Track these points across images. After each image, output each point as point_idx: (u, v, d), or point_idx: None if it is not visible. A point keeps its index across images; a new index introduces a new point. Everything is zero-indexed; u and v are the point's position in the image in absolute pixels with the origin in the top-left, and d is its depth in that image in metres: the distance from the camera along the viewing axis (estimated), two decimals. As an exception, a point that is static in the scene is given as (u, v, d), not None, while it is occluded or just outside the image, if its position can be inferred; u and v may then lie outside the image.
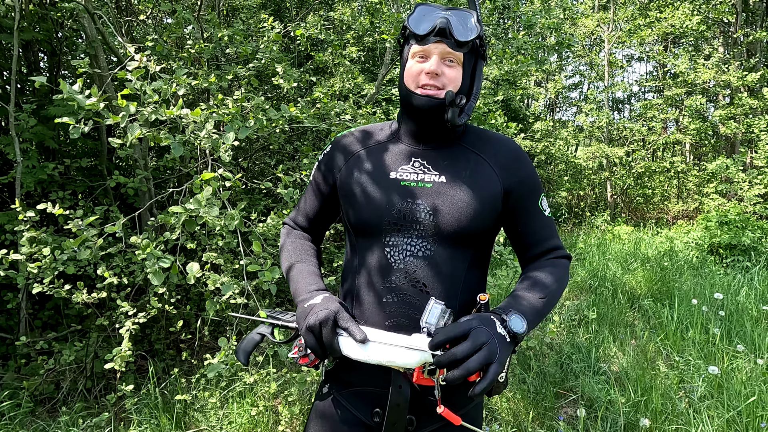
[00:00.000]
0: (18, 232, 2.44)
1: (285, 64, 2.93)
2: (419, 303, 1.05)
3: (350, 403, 1.13)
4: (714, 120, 9.16)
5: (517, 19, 4.30)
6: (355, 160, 1.18)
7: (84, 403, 3.03)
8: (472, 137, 1.17)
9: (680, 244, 7.09)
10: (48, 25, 3.83)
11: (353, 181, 1.15)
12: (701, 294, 4.65)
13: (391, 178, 1.11)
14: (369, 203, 1.11)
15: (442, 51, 1.06)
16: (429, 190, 1.09)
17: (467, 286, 1.10)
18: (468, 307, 1.10)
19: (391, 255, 1.08)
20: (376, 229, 1.10)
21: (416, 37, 1.08)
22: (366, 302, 1.10)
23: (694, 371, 3.21)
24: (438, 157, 1.13)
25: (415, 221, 1.08)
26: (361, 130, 1.25)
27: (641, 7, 10.05)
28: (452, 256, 1.08)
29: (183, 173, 4.18)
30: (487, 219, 1.10)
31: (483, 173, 1.11)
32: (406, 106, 1.13)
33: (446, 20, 1.05)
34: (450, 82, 1.07)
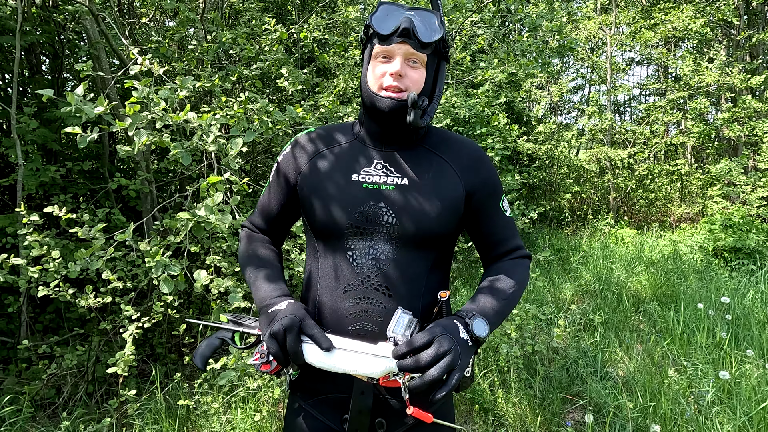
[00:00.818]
0: (20, 235, 2.42)
1: (291, 66, 2.91)
2: (382, 306, 1.05)
3: (319, 412, 1.12)
4: (717, 123, 9.13)
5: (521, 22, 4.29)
6: (316, 160, 1.15)
7: (85, 409, 3.00)
8: (435, 139, 1.17)
9: (684, 247, 7.06)
10: (51, 27, 3.81)
11: (315, 182, 1.13)
12: (707, 298, 4.62)
13: (354, 180, 1.10)
14: (331, 206, 1.09)
15: (406, 52, 1.05)
16: (392, 193, 1.08)
17: (429, 287, 1.10)
18: (430, 307, 1.09)
19: (354, 258, 1.07)
20: (339, 232, 1.08)
21: (379, 36, 1.06)
22: (328, 307, 1.09)
23: (702, 376, 3.18)
24: (401, 159, 1.12)
25: (378, 224, 1.07)
26: (322, 130, 1.22)
27: (643, 10, 10.04)
28: (415, 259, 1.08)
29: (185, 176, 4.16)
30: (450, 221, 1.10)
31: (445, 176, 1.11)
32: (369, 108, 1.10)
33: (410, 20, 1.04)
34: (413, 84, 1.06)
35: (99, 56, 3.29)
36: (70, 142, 4.66)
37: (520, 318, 3.25)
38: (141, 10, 5.04)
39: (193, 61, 3.18)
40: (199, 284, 1.64)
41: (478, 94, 5.84)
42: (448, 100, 5.57)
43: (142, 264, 2.80)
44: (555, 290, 5.24)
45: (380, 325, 1.04)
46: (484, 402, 2.93)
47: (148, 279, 2.88)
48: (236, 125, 2.03)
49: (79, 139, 1.49)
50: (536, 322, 3.84)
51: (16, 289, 3.53)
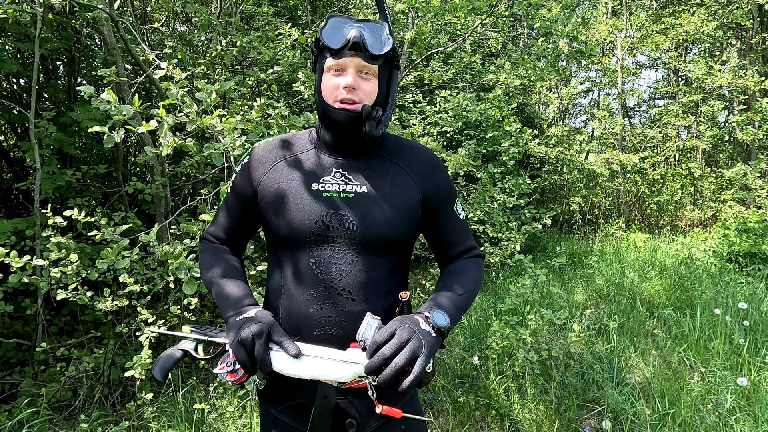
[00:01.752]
0: (41, 237, 2.44)
1: (306, 70, 2.92)
2: (346, 310, 1.08)
3: (289, 417, 1.14)
4: (730, 126, 9.04)
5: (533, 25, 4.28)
6: (275, 170, 1.16)
7: (101, 411, 3.02)
8: (390, 146, 1.20)
9: (698, 252, 6.99)
10: (68, 33, 3.85)
11: (275, 192, 1.14)
12: (722, 303, 4.56)
13: (314, 189, 1.12)
14: (292, 215, 1.10)
15: (358, 65, 1.07)
16: (351, 201, 1.10)
17: (390, 290, 1.14)
18: (392, 308, 1.13)
19: (317, 265, 1.09)
20: (301, 240, 1.10)
21: (330, 50, 1.08)
22: (293, 314, 1.10)
23: (720, 383, 3.14)
24: (358, 167, 1.14)
25: (339, 232, 1.09)
26: (279, 140, 1.23)
27: (655, 14, 9.99)
28: (376, 263, 1.11)
29: (198, 180, 4.19)
30: (409, 226, 1.14)
31: (402, 182, 1.15)
32: (324, 119, 1.13)
33: (360, 34, 1.05)
34: (366, 95, 1.09)
35: (116, 61, 3.32)
36: (85, 146, 4.71)
37: (535, 323, 3.23)
38: (153, 15, 5.09)
39: (210, 65, 3.21)
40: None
41: (489, 98, 5.83)
42: (460, 104, 5.57)
43: (159, 267, 2.82)
44: (568, 295, 5.21)
45: (344, 328, 1.08)
46: (500, 407, 2.91)
47: (163, 282, 2.89)
48: (255, 130, 2.04)
49: (106, 139, 1.50)
50: (550, 327, 3.82)
51: (32, 291, 3.57)
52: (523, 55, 4.28)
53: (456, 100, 5.44)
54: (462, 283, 1.15)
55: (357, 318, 1.06)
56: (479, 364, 3.34)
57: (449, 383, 3.19)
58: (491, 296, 5.08)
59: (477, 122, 5.79)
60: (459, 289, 1.13)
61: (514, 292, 3.58)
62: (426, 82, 5.74)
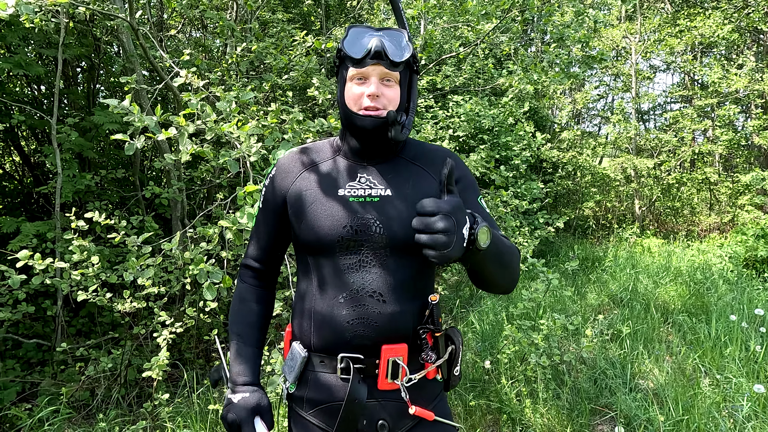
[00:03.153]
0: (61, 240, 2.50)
1: (321, 76, 2.97)
2: (377, 311, 1.09)
3: (321, 421, 1.15)
4: (747, 130, 8.92)
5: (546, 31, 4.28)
6: (302, 179, 1.20)
7: (118, 411, 3.07)
8: (411, 150, 1.23)
9: (714, 257, 6.90)
10: (89, 41, 3.95)
11: (302, 200, 1.17)
12: (738, 309, 4.51)
13: (340, 195, 1.15)
14: (321, 222, 1.13)
15: (380, 72, 1.10)
16: (377, 204, 1.13)
17: (419, 291, 1.15)
18: (422, 310, 1.14)
19: (346, 270, 1.11)
20: (329, 246, 1.12)
21: (352, 60, 1.11)
22: (325, 317, 1.12)
23: (736, 389, 3.10)
24: (382, 171, 1.17)
25: (367, 236, 1.11)
26: (303, 149, 1.27)
27: (669, 18, 9.91)
28: (403, 265, 1.12)
29: (214, 184, 4.25)
30: None
31: (424, 182, 1.17)
32: (350, 127, 1.16)
33: (380, 42, 1.09)
34: (389, 101, 1.12)
35: (135, 68, 3.40)
36: (103, 150, 4.81)
37: (548, 328, 3.22)
38: (170, 22, 5.19)
39: (226, 71, 3.27)
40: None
41: (502, 103, 5.83)
42: (472, 109, 5.58)
43: (175, 270, 2.87)
44: (581, 300, 5.18)
45: (376, 329, 1.09)
46: (511, 412, 2.91)
47: (180, 285, 2.95)
48: (270, 135, 2.08)
49: (127, 146, 1.55)
50: (563, 332, 3.80)
51: (51, 293, 3.65)
52: (536, 61, 4.29)
53: (468, 105, 5.45)
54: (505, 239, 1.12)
55: (388, 319, 1.09)
56: (491, 369, 3.35)
57: (461, 387, 3.20)
58: (503, 300, 5.07)
59: (490, 127, 5.79)
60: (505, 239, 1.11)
61: (527, 297, 3.58)
62: (438, 87, 5.77)
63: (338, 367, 1.11)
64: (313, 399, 1.16)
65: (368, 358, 1.10)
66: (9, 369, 3.33)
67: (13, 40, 3.52)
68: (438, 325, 1.13)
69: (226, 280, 1.69)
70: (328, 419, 1.14)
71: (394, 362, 1.09)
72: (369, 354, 1.10)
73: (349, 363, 1.10)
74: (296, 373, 1.16)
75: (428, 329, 1.12)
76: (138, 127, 1.58)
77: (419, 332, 1.13)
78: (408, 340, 1.12)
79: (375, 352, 1.10)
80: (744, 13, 8.66)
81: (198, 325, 3.57)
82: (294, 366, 1.16)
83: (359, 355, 1.10)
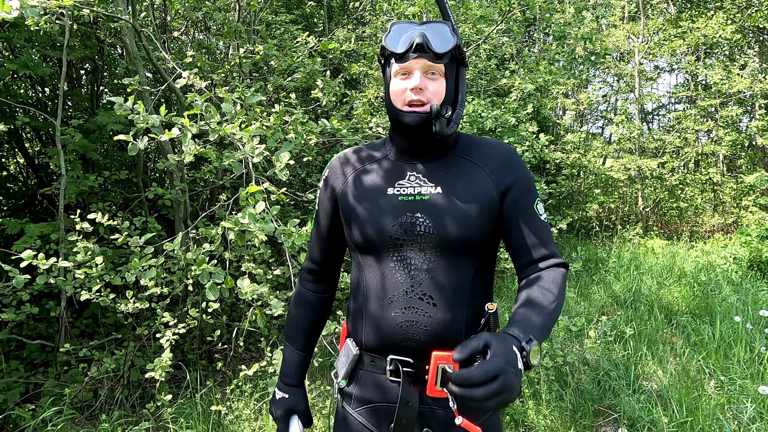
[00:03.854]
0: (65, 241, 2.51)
1: (326, 78, 2.98)
2: (428, 315, 1.06)
3: (367, 420, 1.15)
4: (751, 131, 8.89)
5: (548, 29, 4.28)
6: (352, 179, 1.19)
7: (121, 411, 3.08)
8: (464, 145, 1.18)
9: (718, 258, 6.87)
10: (92, 43, 3.97)
11: (353, 200, 1.16)
12: (743, 311, 4.48)
13: (389, 193, 1.13)
14: (369, 221, 1.12)
15: (423, 65, 1.07)
16: (427, 203, 1.10)
17: (473, 295, 1.10)
18: (476, 317, 1.09)
19: (397, 269, 1.09)
20: (379, 245, 1.10)
21: (395, 55, 1.09)
22: (374, 319, 1.11)
23: (740, 391, 3.09)
24: (432, 168, 1.14)
25: (416, 235, 1.08)
26: (354, 150, 1.26)
27: (672, 19, 9.89)
28: (456, 266, 1.08)
29: (217, 185, 4.26)
30: (487, 225, 1.10)
31: (478, 179, 1.12)
32: (396, 124, 1.14)
33: (423, 35, 1.06)
34: (434, 95, 1.08)
35: (137, 70, 3.41)
36: (107, 152, 4.83)
37: (551, 329, 3.21)
38: (173, 24, 5.20)
39: (229, 73, 3.28)
40: (244, 291, 1.69)
41: (505, 103, 5.82)
42: (475, 110, 5.58)
43: (178, 271, 2.88)
44: (584, 301, 5.16)
45: (426, 334, 1.06)
46: (514, 413, 2.90)
47: (182, 285, 2.95)
48: (273, 137, 2.08)
49: (131, 147, 1.56)
50: (566, 333, 3.79)
51: (55, 294, 3.66)
52: (538, 60, 4.29)
53: (471, 106, 5.45)
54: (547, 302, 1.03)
55: (439, 324, 1.06)
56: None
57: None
58: (507, 301, 5.06)
59: (492, 128, 5.79)
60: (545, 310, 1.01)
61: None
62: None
63: (387, 368, 1.09)
64: (361, 397, 1.15)
65: (418, 362, 1.07)
66: (13, 370, 3.34)
67: (18, 42, 3.54)
68: None
69: (228, 281, 1.70)
70: (374, 419, 1.13)
71: (443, 369, 1.03)
72: (418, 358, 1.07)
73: (398, 365, 1.08)
74: (347, 369, 1.16)
75: None
76: (141, 128, 1.58)
77: None
78: None
79: (425, 357, 1.06)
80: (747, 13, 8.63)
81: (201, 326, 3.58)
82: (346, 363, 1.17)
83: (408, 358, 1.08)
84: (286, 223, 1.81)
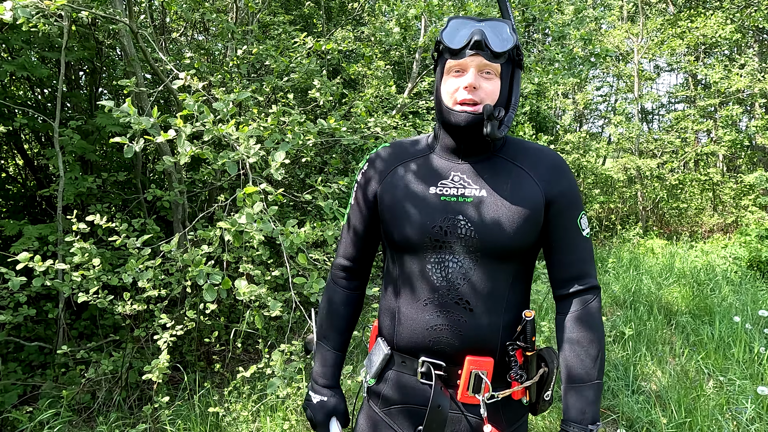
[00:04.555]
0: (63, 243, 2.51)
1: (323, 78, 2.97)
2: (463, 320, 1.04)
3: (394, 421, 1.13)
4: (750, 131, 8.89)
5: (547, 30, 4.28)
6: (392, 175, 1.15)
7: (119, 413, 3.07)
8: (512, 149, 1.13)
9: (717, 258, 6.87)
10: (90, 44, 3.97)
11: (393, 196, 1.13)
12: (742, 311, 4.48)
13: (431, 193, 1.09)
14: (409, 220, 1.08)
15: (479, 64, 1.03)
16: (470, 205, 1.06)
17: (511, 303, 1.07)
18: (513, 325, 1.07)
19: (433, 272, 1.06)
20: (418, 245, 1.07)
21: (451, 51, 1.05)
22: (407, 320, 1.09)
23: (740, 392, 3.08)
24: (478, 170, 1.09)
25: (456, 237, 1.05)
26: (396, 144, 1.22)
27: (671, 19, 9.89)
28: (495, 272, 1.05)
29: (215, 186, 4.26)
30: (530, 233, 1.06)
31: (524, 185, 1.07)
32: (444, 122, 1.10)
33: (481, 32, 1.02)
34: (488, 95, 1.04)
35: (135, 72, 3.40)
36: (105, 153, 4.82)
37: (550, 330, 3.21)
38: (171, 25, 5.21)
39: (227, 74, 3.27)
40: (242, 292, 1.68)
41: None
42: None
43: (176, 273, 2.87)
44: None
45: (460, 338, 1.04)
46: (513, 414, 2.89)
47: (180, 287, 2.95)
48: (270, 137, 2.08)
49: (126, 149, 1.55)
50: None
51: (53, 296, 3.66)
52: (537, 61, 4.28)
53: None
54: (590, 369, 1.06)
55: (475, 330, 1.04)
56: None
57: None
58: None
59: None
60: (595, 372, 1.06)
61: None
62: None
63: (419, 370, 1.07)
64: (389, 397, 1.13)
65: (450, 366, 1.06)
66: (10, 372, 3.33)
67: (16, 43, 3.54)
68: (531, 343, 1.05)
69: (225, 281, 1.69)
70: (400, 420, 1.12)
71: (477, 375, 1.03)
72: (451, 362, 1.06)
73: (430, 368, 1.06)
74: (377, 368, 1.14)
75: (519, 346, 1.06)
76: (138, 130, 1.58)
77: (508, 348, 1.06)
78: (495, 354, 1.06)
79: (458, 362, 1.05)
80: (747, 12, 8.63)
81: (199, 328, 3.57)
82: (376, 362, 1.15)
83: (441, 362, 1.06)
84: (285, 224, 1.81)
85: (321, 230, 2.34)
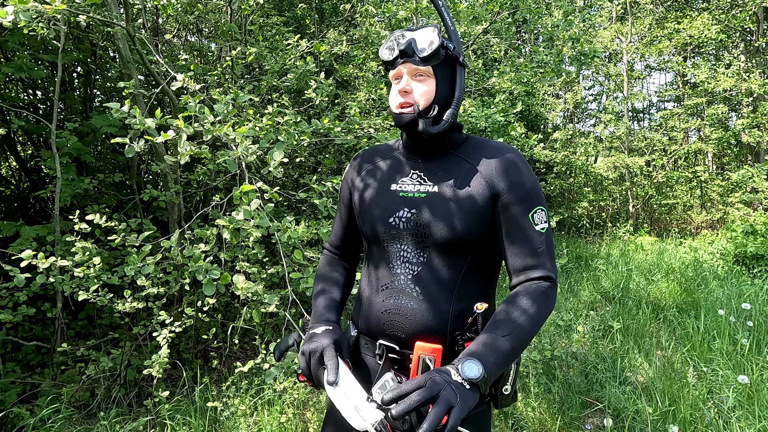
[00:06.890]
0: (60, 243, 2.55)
1: (319, 79, 3.04)
2: (411, 306, 1.13)
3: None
4: (737, 129, 9.05)
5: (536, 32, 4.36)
6: (365, 174, 1.30)
7: (118, 410, 3.12)
8: (471, 147, 1.21)
9: (704, 254, 7.00)
10: (85, 46, 4.01)
11: (362, 193, 1.27)
12: (728, 304, 4.59)
13: (392, 189, 1.22)
14: (373, 213, 1.21)
15: (410, 69, 1.15)
16: (423, 200, 1.17)
17: (463, 294, 1.14)
18: (464, 316, 1.13)
19: (391, 261, 1.18)
20: (378, 237, 1.20)
21: (386, 63, 1.19)
22: (367, 304, 1.21)
23: (723, 382, 3.18)
24: (433, 168, 1.20)
25: (410, 230, 1.16)
26: (373, 147, 1.38)
27: (659, 19, 10.03)
28: (446, 264, 1.14)
29: (210, 187, 4.31)
30: (478, 226, 1.12)
31: (471, 180, 1.15)
32: (397, 126, 1.23)
33: (406, 41, 1.14)
34: (421, 95, 1.14)
35: (131, 74, 3.45)
36: (101, 155, 4.86)
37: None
38: (165, 27, 5.24)
39: (222, 75, 3.33)
40: (239, 286, 1.75)
41: (494, 103, 5.90)
42: (465, 110, 5.65)
43: (174, 271, 2.93)
44: (574, 297, 5.25)
45: (410, 324, 1.13)
46: (504, 406, 2.97)
47: (178, 285, 3.00)
48: (265, 137, 2.14)
49: (128, 149, 1.61)
50: (555, 328, 3.87)
51: (51, 296, 3.70)
52: (526, 62, 4.37)
53: (462, 107, 5.52)
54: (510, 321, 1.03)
55: (423, 316, 1.12)
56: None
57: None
58: (498, 298, 5.13)
59: (482, 128, 5.87)
60: (504, 329, 1.01)
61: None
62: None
63: (376, 353, 1.17)
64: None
65: (403, 350, 1.14)
66: (9, 371, 3.37)
67: (12, 45, 3.58)
68: None
69: (224, 276, 1.76)
70: None
71: (424, 361, 1.07)
72: (404, 346, 1.14)
73: (384, 350, 1.15)
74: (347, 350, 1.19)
75: (470, 338, 1.09)
76: (137, 131, 1.64)
77: (457, 338, 1.11)
78: (444, 342, 1.11)
79: (409, 346, 1.12)
80: (731, 13, 8.78)
81: (196, 326, 3.63)
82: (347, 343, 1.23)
83: (394, 345, 1.14)
84: (281, 222, 1.88)
85: (315, 229, 2.41)
